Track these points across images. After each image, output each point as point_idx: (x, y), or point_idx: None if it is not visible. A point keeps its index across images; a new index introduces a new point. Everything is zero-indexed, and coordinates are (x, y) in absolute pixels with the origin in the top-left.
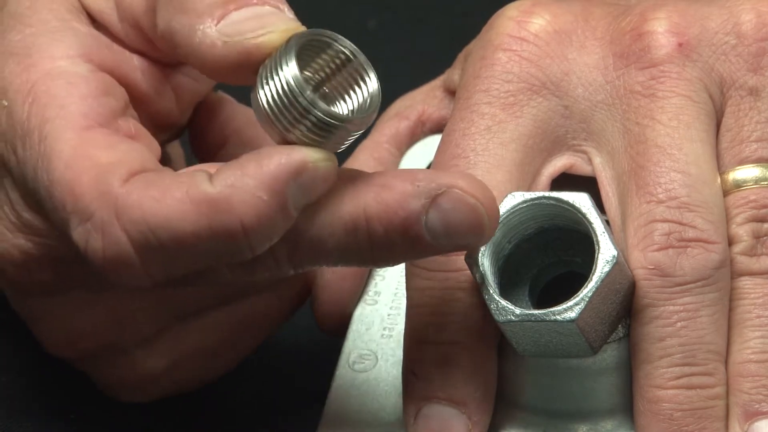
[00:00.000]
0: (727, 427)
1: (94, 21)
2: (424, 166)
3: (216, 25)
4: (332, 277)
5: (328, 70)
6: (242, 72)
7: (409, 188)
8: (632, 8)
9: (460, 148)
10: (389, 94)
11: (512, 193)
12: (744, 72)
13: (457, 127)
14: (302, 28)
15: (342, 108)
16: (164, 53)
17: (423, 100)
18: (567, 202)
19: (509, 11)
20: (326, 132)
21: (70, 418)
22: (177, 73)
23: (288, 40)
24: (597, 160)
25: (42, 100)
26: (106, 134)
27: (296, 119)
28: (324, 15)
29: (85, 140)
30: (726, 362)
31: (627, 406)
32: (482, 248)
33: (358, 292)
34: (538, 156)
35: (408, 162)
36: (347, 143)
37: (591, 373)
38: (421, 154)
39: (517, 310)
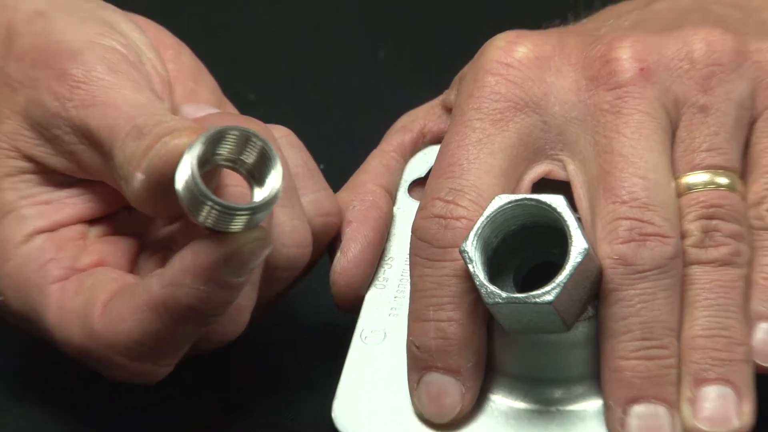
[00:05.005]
0: (679, 391)
1: (42, 172)
2: (424, 171)
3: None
4: (348, 265)
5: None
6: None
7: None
8: (601, 38)
9: (455, 157)
10: (396, 111)
11: (499, 196)
12: (695, 92)
13: (453, 139)
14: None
15: (260, 193)
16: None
17: (424, 116)
18: (545, 203)
19: (497, 41)
20: (230, 219)
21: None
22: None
23: (191, 144)
24: (571, 167)
25: (20, 287)
26: (77, 283)
27: (207, 217)
28: (340, 48)
29: (64, 295)
30: (678, 337)
31: (595, 374)
32: (474, 242)
33: (369, 278)
34: (521, 164)
35: (411, 168)
36: (259, 221)
37: (565, 346)
38: (422, 161)
39: (504, 294)
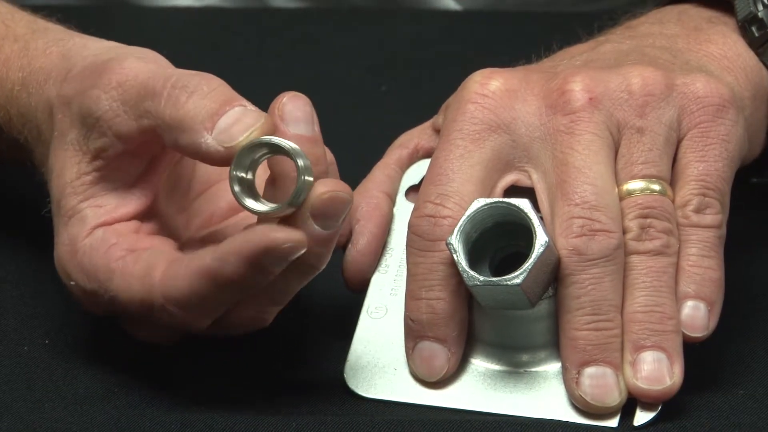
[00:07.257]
0: (622, 356)
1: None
2: (418, 179)
3: (211, 134)
4: (356, 254)
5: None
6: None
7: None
8: (558, 74)
9: (443, 169)
10: (396, 131)
11: (477, 199)
12: (633, 117)
13: (441, 155)
14: (263, 115)
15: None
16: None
17: (418, 135)
18: (514, 205)
19: (475, 76)
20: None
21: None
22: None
23: (239, 152)
24: (534, 176)
25: (88, 271)
26: (135, 256)
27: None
28: (349, 83)
29: (126, 265)
30: (621, 312)
31: (555, 342)
32: (457, 236)
33: (374, 264)
34: (495, 174)
35: (407, 177)
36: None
37: (531, 319)
38: (417, 172)
39: (481, 278)
